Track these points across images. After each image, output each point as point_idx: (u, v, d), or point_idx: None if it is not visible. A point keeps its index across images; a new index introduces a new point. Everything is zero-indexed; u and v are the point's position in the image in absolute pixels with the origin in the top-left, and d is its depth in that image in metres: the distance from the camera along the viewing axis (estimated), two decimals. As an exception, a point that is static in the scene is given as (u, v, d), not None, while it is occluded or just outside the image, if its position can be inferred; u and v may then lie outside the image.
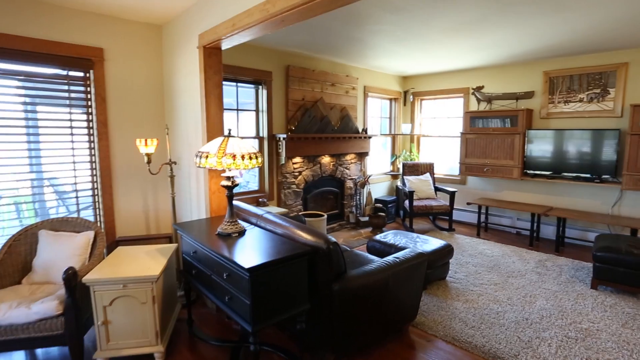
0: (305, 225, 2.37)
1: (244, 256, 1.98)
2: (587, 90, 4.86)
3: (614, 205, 4.80)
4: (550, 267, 4.19)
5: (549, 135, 5.04)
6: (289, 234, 2.34)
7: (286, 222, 2.46)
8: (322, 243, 2.17)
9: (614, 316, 3.12)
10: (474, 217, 5.95)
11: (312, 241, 2.21)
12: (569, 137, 4.89)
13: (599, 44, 4.32)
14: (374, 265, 2.43)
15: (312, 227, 2.35)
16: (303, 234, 2.27)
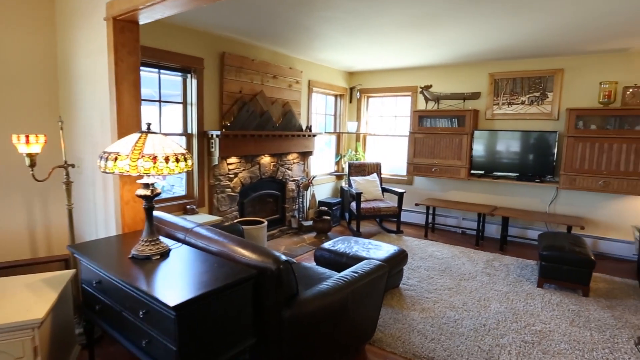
0: (248, 242, 1.95)
1: (167, 288, 1.52)
2: (529, 93, 4.96)
3: (551, 203, 4.96)
4: (498, 266, 4.17)
5: (494, 136, 5.08)
6: (227, 253, 1.90)
7: (223, 237, 2.01)
8: (271, 263, 1.76)
9: (562, 315, 3.10)
10: (420, 218, 5.88)
11: (258, 261, 1.80)
12: (512, 138, 4.97)
13: (539, 50, 4.39)
14: (330, 284, 2.08)
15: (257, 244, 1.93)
16: (246, 253, 1.85)
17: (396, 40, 4.13)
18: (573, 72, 4.68)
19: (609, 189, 4.31)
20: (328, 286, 2.05)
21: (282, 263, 1.78)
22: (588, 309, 3.23)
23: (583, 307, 3.25)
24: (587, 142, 4.36)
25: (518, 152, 4.94)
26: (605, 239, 4.68)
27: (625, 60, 4.39)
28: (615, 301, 3.40)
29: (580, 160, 4.42)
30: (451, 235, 5.43)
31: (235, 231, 3.27)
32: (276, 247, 4.69)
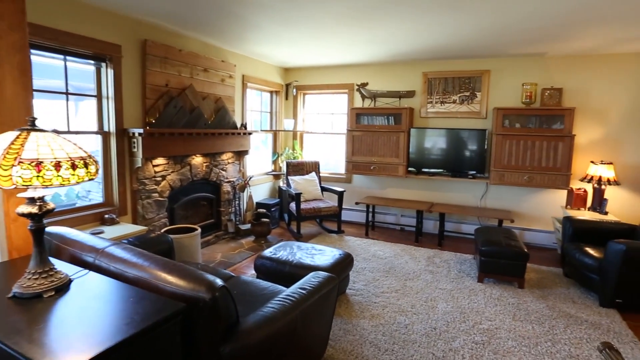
0: (175, 264, 1.60)
1: (61, 343, 1.13)
2: (459, 93, 5.10)
3: (482, 198, 5.17)
4: (439, 263, 4.20)
5: (429, 134, 5.15)
6: (148, 280, 1.53)
7: (144, 258, 1.64)
8: (204, 291, 1.44)
9: (504, 310, 3.16)
10: (360, 216, 5.81)
11: (188, 289, 1.46)
12: (446, 136, 5.07)
13: (468, 51, 4.52)
14: (276, 306, 1.80)
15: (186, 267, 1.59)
16: (172, 279, 1.50)
17: (335, 35, 3.95)
18: (498, 74, 4.89)
19: (533, 183, 4.57)
20: (274, 309, 1.76)
21: (218, 290, 1.47)
22: (525, 300, 3.34)
23: (521, 300, 3.35)
24: (513, 140, 4.58)
25: (452, 150, 5.06)
26: (529, 230, 4.98)
27: (543, 63, 4.69)
28: (546, 290, 3.57)
29: (507, 157, 4.63)
30: (391, 233, 5.43)
31: (163, 243, 2.85)
32: (212, 254, 4.27)
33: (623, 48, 4.16)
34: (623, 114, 4.46)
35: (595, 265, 3.36)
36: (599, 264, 3.33)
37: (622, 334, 2.87)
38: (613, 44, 3.98)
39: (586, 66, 4.52)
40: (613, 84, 4.45)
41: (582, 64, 4.54)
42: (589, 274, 3.45)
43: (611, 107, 4.49)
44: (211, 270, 2.75)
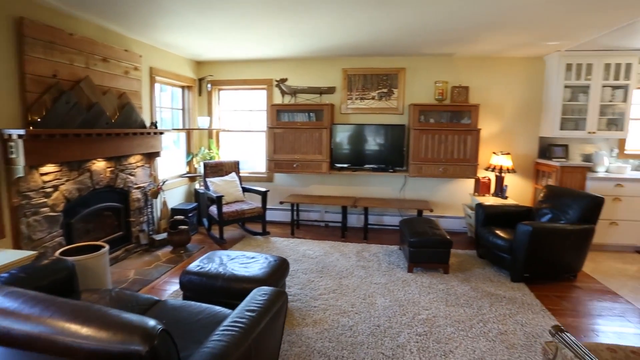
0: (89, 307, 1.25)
1: None
2: (378, 89, 5.24)
3: (401, 190, 5.41)
4: (369, 257, 4.26)
5: (350, 130, 5.20)
6: (50, 337, 1.17)
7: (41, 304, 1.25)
8: (137, 342, 1.13)
9: (437, 297, 3.31)
10: (284, 215, 5.66)
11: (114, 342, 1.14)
12: (367, 132, 5.18)
13: (386, 49, 4.65)
14: (225, 337, 1.54)
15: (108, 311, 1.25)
16: (88, 331, 1.16)
17: (256, 26, 3.71)
18: (413, 72, 5.15)
19: (447, 174, 4.91)
20: (223, 342, 1.50)
21: (156, 337, 1.17)
22: (452, 285, 3.55)
23: (449, 285, 3.55)
24: (429, 134, 4.86)
25: (373, 145, 5.19)
26: (444, 217, 5.36)
27: (452, 63, 5.06)
28: (467, 273, 3.85)
29: (424, 150, 4.90)
30: (316, 230, 5.39)
31: (61, 270, 2.33)
32: (123, 272, 3.72)
33: (515, 52, 4.68)
34: (515, 110, 5.04)
35: (506, 246, 3.71)
36: (509, 244, 3.69)
37: (533, 304, 3.21)
38: (508, 48, 4.45)
39: (487, 67, 5.00)
40: (507, 83, 5.00)
41: (484, 65, 5.00)
42: (501, 254, 3.81)
43: (506, 104, 5.04)
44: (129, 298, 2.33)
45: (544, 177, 4.87)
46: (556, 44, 4.16)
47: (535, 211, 4.13)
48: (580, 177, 4.47)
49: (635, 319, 3.06)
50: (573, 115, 4.67)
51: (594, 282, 3.74)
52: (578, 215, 3.66)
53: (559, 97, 4.58)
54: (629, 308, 3.23)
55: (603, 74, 4.46)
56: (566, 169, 4.48)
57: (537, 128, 5.03)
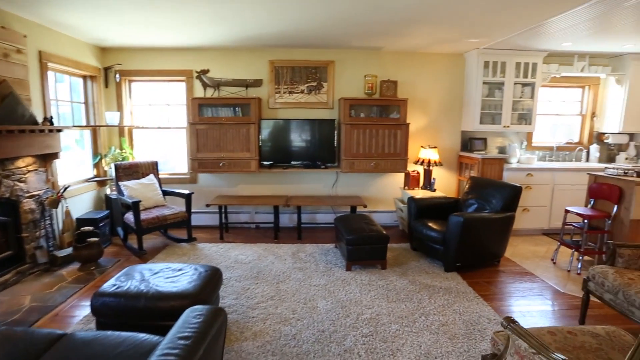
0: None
1: None
2: (307, 83, 5.08)
3: (333, 187, 5.33)
4: (305, 258, 4.10)
5: (279, 125, 4.96)
6: None
7: None
8: None
9: (378, 294, 3.25)
10: (211, 219, 5.25)
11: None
12: (297, 127, 4.98)
13: (314, 40, 4.50)
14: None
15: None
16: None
17: (169, 7, 3.28)
18: (342, 65, 5.08)
19: (379, 168, 4.94)
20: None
21: None
22: (391, 280, 3.53)
23: (388, 281, 3.53)
24: (360, 129, 4.83)
25: (304, 141, 5.02)
26: (376, 212, 5.40)
27: (380, 57, 5.09)
28: (404, 267, 3.87)
29: (356, 146, 4.86)
30: (247, 233, 5.07)
31: None
32: (16, 300, 3.06)
33: (440, 48, 4.85)
34: (440, 105, 5.24)
35: (439, 237, 3.81)
36: (442, 236, 3.78)
37: (467, 292, 3.31)
38: (433, 44, 4.58)
39: (414, 62, 5.11)
40: (433, 79, 5.17)
41: (411, 60, 5.11)
42: (434, 245, 3.90)
43: (432, 99, 5.22)
44: (20, 337, 1.85)
45: (467, 169, 5.14)
46: (476, 41, 4.38)
47: (462, 202, 4.32)
48: (498, 168, 4.80)
49: (549, 295, 3.32)
50: (490, 110, 4.98)
51: (514, 265, 4.01)
52: (501, 204, 3.88)
53: (479, 93, 4.86)
54: (544, 286, 3.50)
55: (515, 72, 4.83)
56: (486, 161, 4.77)
57: (459, 122, 5.29)
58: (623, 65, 5.06)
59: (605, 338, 1.84)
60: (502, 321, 1.73)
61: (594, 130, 5.50)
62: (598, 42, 4.40)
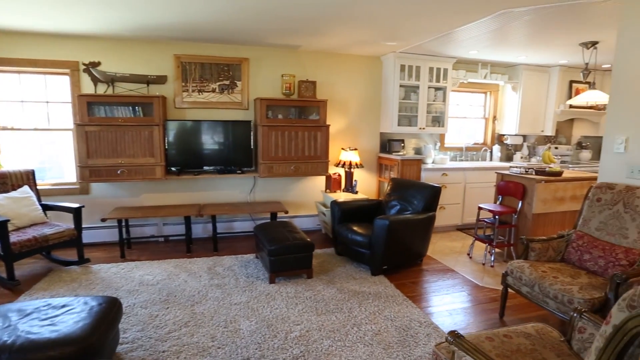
0: None
1: None
2: (219, 81, 4.65)
3: (251, 192, 4.97)
4: (223, 272, 3.69)
5: (189, 127, 4.46)
6: None
7: None
8: None
9: (306, 307, 3.01)
10: (109, 235, 4.53)
11: None
12: (209, 129, 4.53)
13: (226, 35, 4.12)
14: None
15: None
16: None
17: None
18: (258, 63, 4.75)
19: (299, 172, 4.71)
20: None
21: None
22: (318, 290, 3.31)
23: (315, 291, 3.30)
24: (278, 131, 4.56)
25: (217, 144, 4.59)
26: (297, 217, 5.18)
27: (298, 56, 4.88)
28: (330, 274, 3.69)
29: (274, 149, 4.58)
30: (154, 247, 4.46)
31: None
32: None
33: (358, 50, 4.80)
34: (359, 106, 5.22)
35: (365, 242, 3.70)
36: (368, 240, 3.68)
37: (395, 295, 3.24)
38: (351, 45, 4.51)
39: (333, 63, 5.00)
40: (352, 80, 5.12)
41: (329, 60, 4.99)
42: (360, 250, 3.79)
43: (351, 100, 5.17)
44: None
45: (387, 170, 5.19)
46: (393, 44, 4.41)
47: (385, 203, 4.30)
48: (417, 169, 4.91)
49: (470, 290, 3.41)
50: (407, 112, 5.10)
51: (436, 262, 4.10)
52: (422, 204, 3.93)
53: (396, 96, 4.93)
54: (464, 281, 3.61)
55: (428, 76, 5.00)
56: (405, 162, 4.85)
57: (378, 124, 5.33)
58: (517, 74, 5.58)
59: (537, 337, 1.83)
60: (448, 336, 1.61)
61: (495, 132, 5.99)
62: (497, 52, 4.76)
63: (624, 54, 2.87)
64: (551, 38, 4.08)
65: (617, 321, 1.04)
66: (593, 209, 2.89)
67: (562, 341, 1.81)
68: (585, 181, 4.18)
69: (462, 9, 3.16)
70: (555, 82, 5.70)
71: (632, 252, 2.53)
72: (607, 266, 2.59)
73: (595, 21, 3.48)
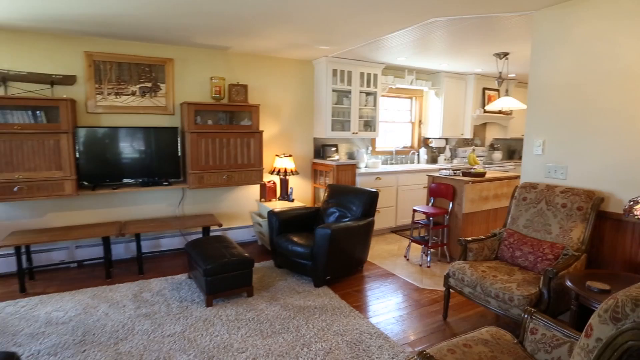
0: None
1: None
2: (139, 83, 4.18)
3: (179, 205, 4.56)
4: (152, 299, 3.29)
5: (105, 135, 3.93)
6: None
7: None
8: None
9: (250, 330, 2.77)
10: (5, 264, 3.81)
11: None
12: (128, 136, 4.04)
13: (145, 32, 3.71)
14: None
15: None
16: None
17: None
18: (184, 64, 4.38)
19: (232, 182, 4.43)
20: None
21: None
22: (261, 309, 3.10)
23: (258, 311, 3.08)
24: (209, 138, 4.24)
25: (139, 153, 4.12)
26: (231, 229, 4.87)
27: (228, 58, 4.59)
28: (272, 290, 3.49)
29: (205, 157, 4.24)
30: (65, 276, 3.86)
31: None
32: None
33: (290, 54, 4.66)
34: (292, 111, 5.08)
35: (307, 252, 3.57)
36: (310, 251, 3.55)
37: (342, 307, 3.15)
38: (283, 48, 4.36)
39: (264, 66, 4.80)
40: (284, 84, 4.96)
41: (261, 63, 4.77)
42: (302, 261, 3.64)
43: (284, 106, 5.01)
44: None
45: (322, 176, 5.12)
46: (326, 48, 4.35)
47: (323, 211, 4.21)
48: (351, 174, 4.91)
49: (412, 294, 3.46)
50: (340, 117, 5.08)
51: (376, 267, 4.11)
52: (361, 210, 3.90)
53: (329, 100, 4.88)
54: (405, 284, 3.65)
55: (359, 81, 5.04)
56: (341, 167, 4.82)
57: (311, 129, 5.24)
58: (439, 80, 5.90)
59: (494, 343, 1.84)
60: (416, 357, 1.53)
61: (421, 136, 6.27)
62: (422, 59, 4.97)
63: (537, 66, 3.12)
64: (468, 48, 4.35)
65: (603, 335, 1.02)
66: (520, 208, 3.08)
67: (515, 343, 1.85)
68: (504, 180, 4.52)
69: (389, 17, 3.22)
70: (472, 89, 6.14)
71: (556, 247, 2.73)
72: (537, 261, 2.76)
73: (507, 33, 3.76)
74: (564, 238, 2.75)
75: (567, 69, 2.90)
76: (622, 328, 0.97)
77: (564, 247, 2.69)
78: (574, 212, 2.75)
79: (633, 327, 0.95)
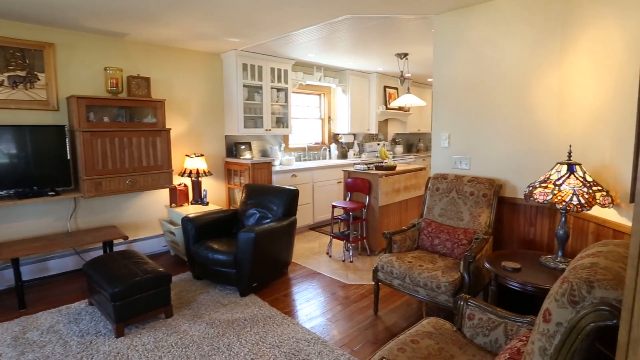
0: None
1: None
2: (9, 71, 3.39)
3: (71, 218, 3.88)
4: (40, 339, 2.71)
5: (-42, 137, 3.11)
6: None
7: None
8: None
9: (174, 359, 2.47)
10: None
11: None
12: (-5, 138, 3.27)
13: (15, 8, 3.01)
14: None
15: None
16: None
17: None
18: (69, 51, 3.69)
19: (137, 187, 3.92)
20: None
21: None
22: (185, 331, 2.78)
23: (180, 333, 2.75)
24: (106, 138, 3.66)
25: (10, 158, 3.37)
26: (138, 241, 4.33)
27: (126, 47, 4.02)
28: (193, 306, 3.17)
29: (102, 160, 3.66)
30: None
31: None
32: None
33: (197, 45, 4.28)
34: (200, 108, 4.69)
35: (230, 260, 3.32)
36: (233, 258, 3.32)
37: (273, 315, 3.01)
38: (189, 38, 3.98)
39: (169, 58, 4.33)
40: (191, 79, 4.55)
41: (165, 55, 4.29)
42: (225, 270, 3.39)
43: (192, 101, 4.60)
44: None
45: (236, 176, 4.85)
46: (236, 41, 4.08)
47: (242, 213, 3.98)
48: (267, 172, 4.74)
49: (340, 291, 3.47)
50: (252, 114, 4.86)
51: (301, 267, 4.05)
52: (282, 210, 3.78)
53: (240, 96, 4.62)
54: (332, 282, 3.66)
55: (270, 76, 4.88)
56: (256, 166, 4.62)
57: (222, 127, 4.91)
58: (346, 78, 6.05)
59: (437, 334, 1.91)
60: None
61: (331, 132, 6.37)
62: (330, 57, 5.03)
63: (440, 66, 3.37)
64: (372, 47, 4.53)
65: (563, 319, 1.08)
66: (434, 198, 3.30)
67: (455, 331, 1.94)
68: (412, 172, 4.84)
69: (301, 12, 3.19)
70: (375, 87, 6.45)
71: (468, 232, 2.98)
72: (454, 247, 2.99)
73: (406, 35, 4.00)
74: (474, 223, 3.01)
75: (466, 69, 3.18)
76: (583, 311, 1.05)
77: (475, 231, 2.95)
78: (480, 199, 3.03)
79: (594, 309, 1.03)
